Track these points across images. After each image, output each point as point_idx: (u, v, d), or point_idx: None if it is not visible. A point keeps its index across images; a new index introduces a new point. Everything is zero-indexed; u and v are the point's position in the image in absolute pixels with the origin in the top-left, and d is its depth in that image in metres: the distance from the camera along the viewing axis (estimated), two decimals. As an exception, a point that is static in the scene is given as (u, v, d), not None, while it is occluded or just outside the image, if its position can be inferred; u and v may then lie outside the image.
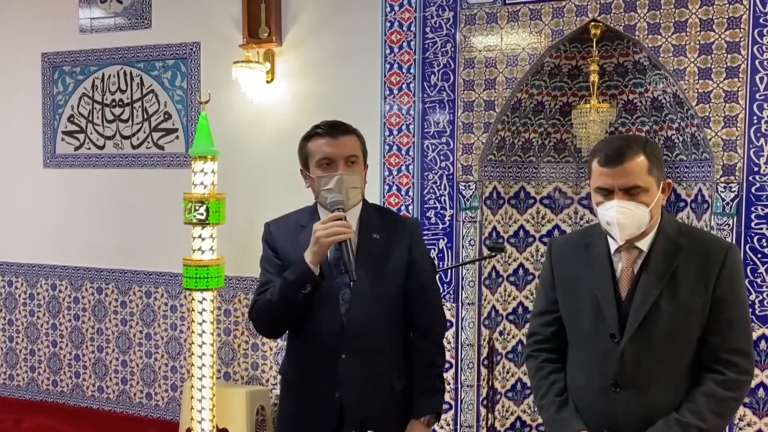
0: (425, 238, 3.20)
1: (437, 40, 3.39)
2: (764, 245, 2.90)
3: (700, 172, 3.14)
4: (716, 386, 1.75)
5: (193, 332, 3.55)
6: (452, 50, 3.37)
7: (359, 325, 1.95)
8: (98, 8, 4.47)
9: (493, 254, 3.11)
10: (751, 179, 2.91)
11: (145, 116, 4.39)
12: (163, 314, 4.39)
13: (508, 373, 3.59)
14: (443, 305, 2.21)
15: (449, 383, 3.35)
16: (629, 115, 3.41)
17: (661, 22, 3.02)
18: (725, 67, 2.93)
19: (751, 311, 1.96)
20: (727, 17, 2.92)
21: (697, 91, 2.98)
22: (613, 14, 3.09)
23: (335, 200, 1.92)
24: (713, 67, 2.95)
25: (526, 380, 3.49)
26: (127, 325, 4.49)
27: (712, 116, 2.96)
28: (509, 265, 3.58)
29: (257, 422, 4.02)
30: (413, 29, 3.43)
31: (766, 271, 2.91)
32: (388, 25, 3.48)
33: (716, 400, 1.74)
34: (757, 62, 2.88)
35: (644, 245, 1.81)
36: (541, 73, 3.35)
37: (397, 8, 3.46)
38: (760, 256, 2.91)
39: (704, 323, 1.77)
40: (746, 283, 2.80)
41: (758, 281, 2.91)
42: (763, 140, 2.89)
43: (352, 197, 1.97)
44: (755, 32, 2.88)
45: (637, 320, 1.77)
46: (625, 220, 1.74)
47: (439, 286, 2.50)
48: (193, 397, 3.56)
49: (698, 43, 2.97)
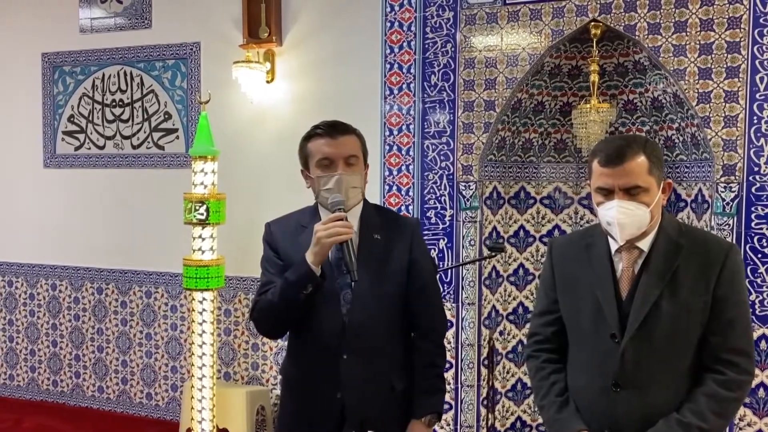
0: (425, 238, 3.20)
1: (437, 40, 3.39)
2: (764, 245, 2.90)
3: (700, 172, 3.13)
4: (717, 386, 1.75)
5: (193, 332, 3.55)
6: (452, 50, 3.36)
7: (360, 325, 1.95)
8: (98, 8, 4.47)
9: (493, 254, 3.11)
10: (751, 179, 2.91)
11: (145, 116, 4.39)
12: (163, 314, 4.39)
13: (508, 373, 3.59)
14: (444, 305, 2.21)
15: (449, 383, 3.34)
16: (629, 115, 3.41)
17: (661, 22, 3.02)
18: (725, 67, 2.93)
19: (751, 311, 1.97)
20: (727, 17, 2.92)
21: (697, 91, 2.98)
22: (613, 14, 3.09)
23: (336, 200, 1.92)
24: (713, 67, 2.95)
25: (526, 380, 3.49)
26: (127, 325, 4.49)
27: (712, 116, 2.96)
28: (509, 265, 3.58)
29: (257, 422, 4.02)
30: (413, 29, 3.43)
31: (766, 271, 2.91)
32: (388, 25, 3.48)
33: (717, 400, 1.74)
34: (757, 62, 2.88)
35: (645, 245, 1.81)
36: (541, 73, 3.35)
37: (397, 8, 3.46)
38: (760, 256, 2.91)
39: (705, 323, 1.77)
40: (746, 283, 2.79)
41: (758, 281, 2.91)
42: (763, 140, 2.89)
43: (352, 197, 1.97)
44: (755, 32, 2.88)
45: (637, 320, 1.77)
46: (625, 220, 1.74)
47: (439, 286, 2.50)
48: (193, 397, 3.56)
49: (698, 43, 2.97)
